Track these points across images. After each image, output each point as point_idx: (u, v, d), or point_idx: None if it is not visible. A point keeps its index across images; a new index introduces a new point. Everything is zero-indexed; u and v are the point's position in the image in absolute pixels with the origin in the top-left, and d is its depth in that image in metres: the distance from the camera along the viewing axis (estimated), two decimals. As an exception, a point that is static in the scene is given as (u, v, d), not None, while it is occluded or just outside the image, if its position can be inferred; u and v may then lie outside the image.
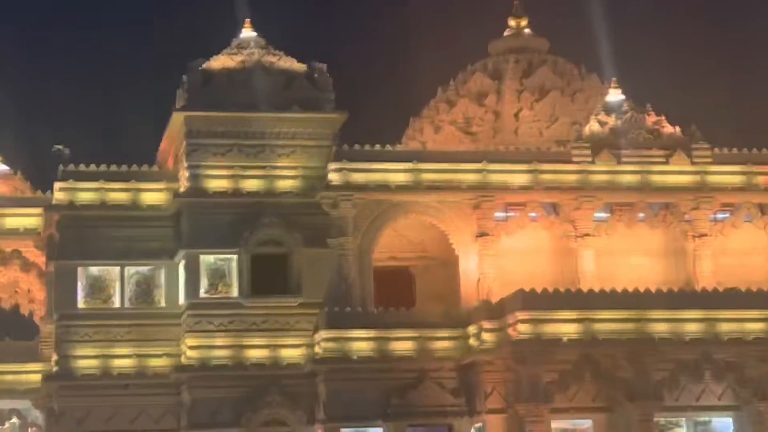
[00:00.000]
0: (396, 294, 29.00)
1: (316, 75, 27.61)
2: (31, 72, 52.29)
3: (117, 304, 27.22)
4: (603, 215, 27.89)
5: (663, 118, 29.03)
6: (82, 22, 57.16)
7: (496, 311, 25.47)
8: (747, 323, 25.98)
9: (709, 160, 28.18)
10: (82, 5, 57.05)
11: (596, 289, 25.86)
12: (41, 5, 58.50)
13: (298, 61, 28.15)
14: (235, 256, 26.67)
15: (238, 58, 27.99)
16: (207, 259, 26.71)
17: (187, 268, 26.30)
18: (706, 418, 26.93)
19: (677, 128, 28.64)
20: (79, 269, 26.88)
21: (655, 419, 25.22)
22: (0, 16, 55.16)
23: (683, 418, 26.71)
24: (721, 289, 26.38)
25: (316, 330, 26.17)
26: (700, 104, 40.98)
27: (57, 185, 27.04)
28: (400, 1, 51.16)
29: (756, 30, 52.20)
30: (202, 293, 26.47)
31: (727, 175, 28.59)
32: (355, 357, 25.88)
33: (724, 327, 25.65)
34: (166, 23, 51.48)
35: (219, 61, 27.74)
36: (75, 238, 26.93)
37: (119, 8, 56.71)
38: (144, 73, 50.49)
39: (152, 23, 53.26)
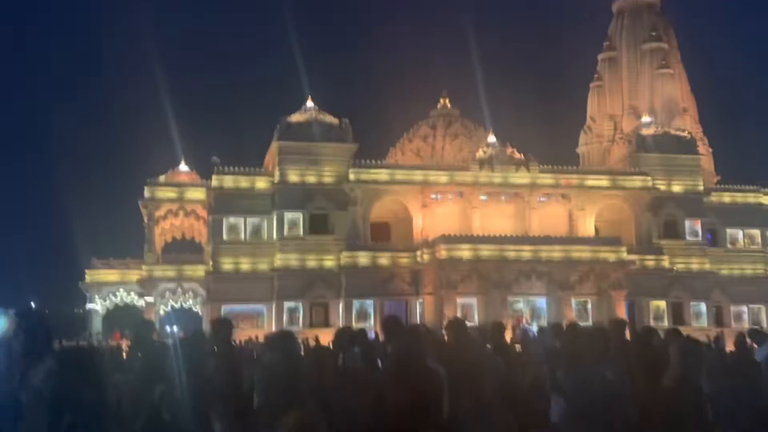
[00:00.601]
0: (381, 235, 39.73)
1: (342, 125, 39.22)
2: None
3: (242, 237, 38.01)
4: (484, 197, 39.28)
5: (515, 149, 40.37)
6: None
7: (430, 244, 36.28)
8: (553, 252, 36.48)
9: (537, 170, 39.63)
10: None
11: (480, 234, 36.95)
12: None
13: (334, 116, 39.45)
14: (301, 214, 37.66)
15: (305, 116, 39.26)
16: (288, 216, 37.64)
17: (278, 220, 37.72)
18: (533, 299, 36.65)
19: (521, 155, 40.19)
20: (224, 219, 37.86)
21: (508, 299, 35.67)
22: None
23: (521, 300, 36.45)
24: (542, 235, 37.65)
25: (341, 251, 37.39)
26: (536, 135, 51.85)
27: (213, 177, 38.42)
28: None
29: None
30: (285, 232, 37.45)
31: (546, 179, 39.75)
32: (360, 266, 37.26)
33: (542, 254, 36.37)
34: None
35: (295, 117, 39.19)
36: (222, 204, 37.91)
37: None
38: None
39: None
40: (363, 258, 37.45)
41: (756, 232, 43.83)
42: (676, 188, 41.76)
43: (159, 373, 4.60)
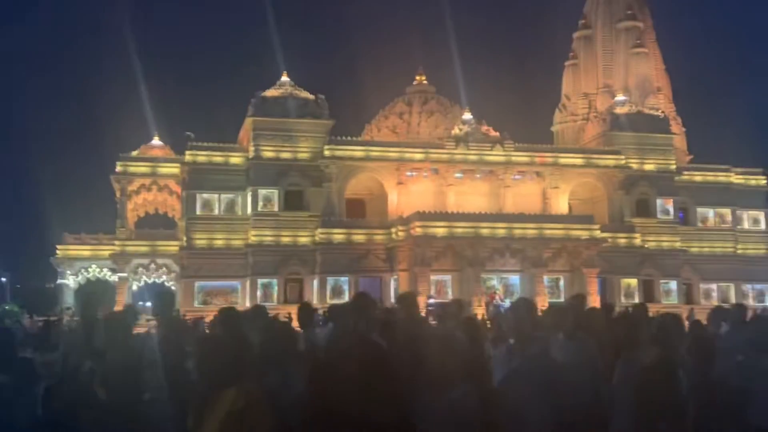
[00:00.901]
0: (356, 212, 39.46)
1: (318, 101, 38.80)
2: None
3: (216, 212, 37.65)
4: (459, 175, 38.98)
5: (491, 128, 40.52)
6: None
7: (405, 221, 35.79)
8: (527, 230, 36.06)
9: (512, 149, 39.52)
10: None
11: (455, 211, 36.51)
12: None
13: (310, 92, 39.06)
14: (276, 190, 37.13)
15: (280, 91, 38.80)
16: (262, 192, 37.06)
17: (252, 196, 37.26)
18: (506, 276, 36.55)
19: (497, 133, 40.28)
20: (197, 195, 37.46)
21: (481, 276, 35.54)
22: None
23: (495, 277, 36.24)
24: (516, 213, 37.50)
25: (316, 228, 36.92)
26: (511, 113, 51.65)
27: (187, 152, 37.94)
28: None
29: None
30: (259, 208, 36.99)
31: (521, 156, 39.58)
32: (335, 243, 36.75)
33: (516, 231, 36.01)
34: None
35: (270, 92, 38.64)
36: (196, 180, 37.41)
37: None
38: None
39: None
40: (338, 235, 37.17)
41: (726, 211, 44.22)
42: (649, 167, 41.83)
43: (88, 349, 4.36)
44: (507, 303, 28.72)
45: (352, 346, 3.52)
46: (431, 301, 29.45)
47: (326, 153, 37.80)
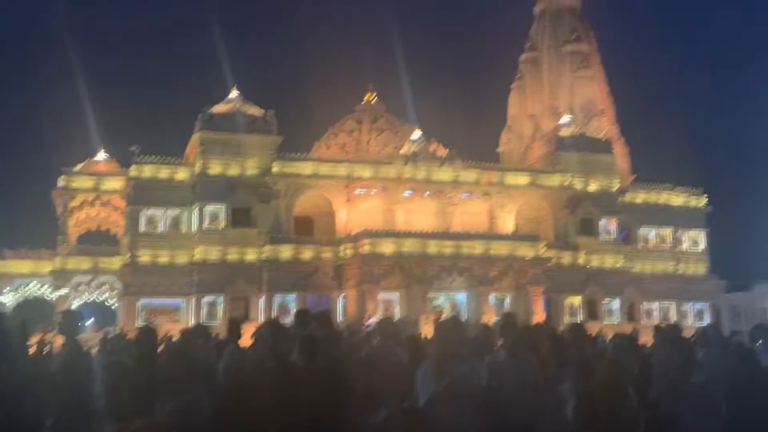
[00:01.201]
0: (304, 230, 39.12)
1: (267, 117, 38.37)
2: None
3: (160, 229, 37.03)
4: (408, 193, 39.00)
5: (439, 146, 40.77)
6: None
7: (353, 239, 35.73)
8: (474, 249, 36.23)
9: (460, 167, 39.68)
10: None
11: (403, 229, 36.68)
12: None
13: (260, 108, 38.65)
14: (223, 206, 36.51)
15: (228, 106, 38.44)
16: (209, 208, 36.44)
17: (198, 212, 36.59)
18: (453, 295, 36.65)
19: (445, 151, 40.48)
20: (142, 210, 36.81)
21: (428, 294, 35.47)
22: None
23: (442, 295, 36.41)
24: (463, 231, 37.68)
25: (263, 245, 36.32)
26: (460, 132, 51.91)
27: (132, 167, 37.18)
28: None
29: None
30: (206, 225, 36.34)
31: (468, 175, 39.69)
32: (282, 260, 36.25)
33: (463, 250, 36.12)
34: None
35: (218, 108, 38.22)
36: (140, 195, 36.73)
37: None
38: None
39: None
40: (285, 252, 36.69)
41: (667, 231, 45.04)
42: (593, 187, 42.46)
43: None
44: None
45: (265, 370, 3.26)
46: (371, 320, 29.21)
47: (274, 169, 37.40)
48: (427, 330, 28.15)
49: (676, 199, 45.77)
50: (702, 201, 46.58)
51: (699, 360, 6.90)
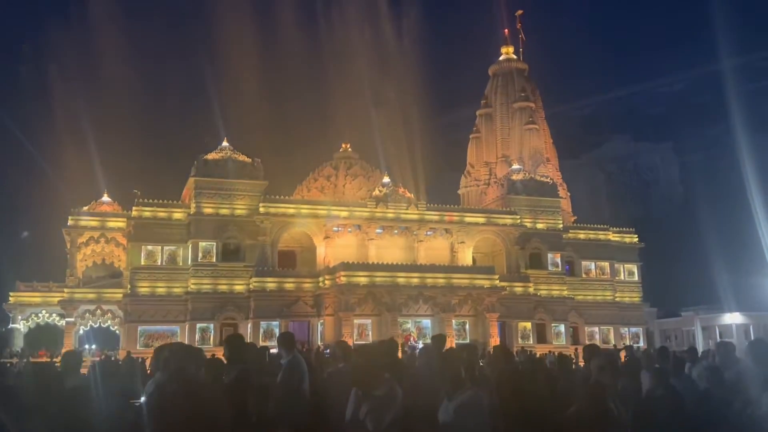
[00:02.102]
0: (288, 263, 41.43)
1: (255, 163, 41.09)
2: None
3: (159, 263, 39.15)
4: (380, 231, 41.90)
5: (406, 190, 43.81)
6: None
7: (331, 271, 38.45)
8: (438, 279, 39.18)
9: (424, 208, 42.66)
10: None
11: (375, 262, 39.13)
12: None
13: (247, 156, 41.32)
14: (215, 243, 39.01)
15: (220, 154, 41.07)
16: (202, 245, 38.98)
17: (192, 248, 39.09)
18: (419, 320, 39.19)
19: (411, 194, 43.63)
20: (142, 247, 39.05)
21: (398, 320, 37.83)
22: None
23: (410, 321, 38.92)
24: (428, 264, 40.52)
25: (251, 277, 38.83)
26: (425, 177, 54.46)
27: (134, 208, 39.55)
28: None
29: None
30: (199, 259, 38.78)
31: (432, 215, 42.56)
32: (268, 290, 38.60)
33: (428, 281, 39.06)
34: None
35: (211, 155, 40.91)
36: (141, 233, 39.06)
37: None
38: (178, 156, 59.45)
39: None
40: (270, 283, 39.02)
41: (605, 264, 48.68)
42: (540, 226, 45.90)
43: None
44: (420, 344, 31.22)
45: (176, 391, 3.89)
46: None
47: (261, 210, 40.02)
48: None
49: (613, 237, 49.41)
50: (634, 239, 50.35)
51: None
